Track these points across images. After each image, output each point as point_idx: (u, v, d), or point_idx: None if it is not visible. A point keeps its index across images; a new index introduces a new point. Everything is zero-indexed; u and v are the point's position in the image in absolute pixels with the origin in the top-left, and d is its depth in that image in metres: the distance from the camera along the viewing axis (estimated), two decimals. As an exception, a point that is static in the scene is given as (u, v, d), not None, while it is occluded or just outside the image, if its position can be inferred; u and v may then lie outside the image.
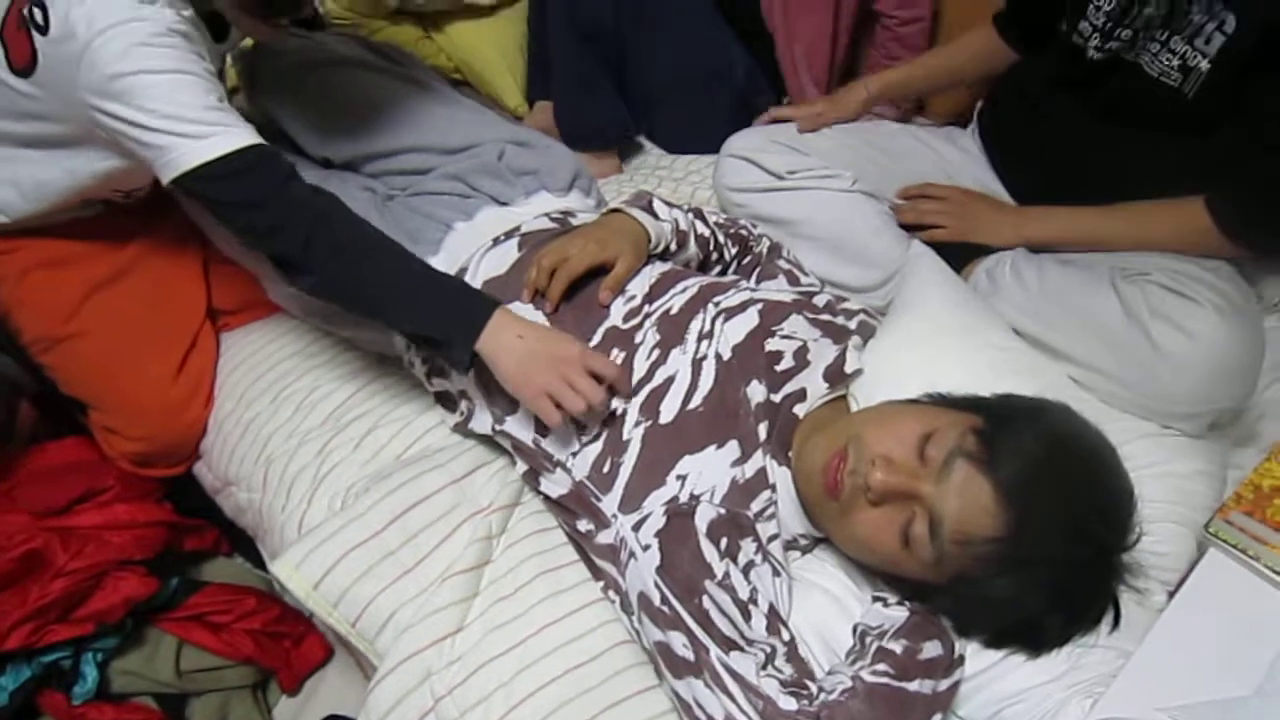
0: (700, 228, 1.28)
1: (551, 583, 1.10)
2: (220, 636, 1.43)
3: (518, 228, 1.28)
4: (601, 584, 1.09)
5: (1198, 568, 0.95)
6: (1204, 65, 1.08)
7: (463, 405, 1.23)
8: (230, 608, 1.44)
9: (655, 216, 1.22)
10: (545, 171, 1.35)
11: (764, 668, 0.87)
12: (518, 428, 1.15)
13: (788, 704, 0.84)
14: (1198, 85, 1.10)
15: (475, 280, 1.23)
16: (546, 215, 1.31)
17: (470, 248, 1.28)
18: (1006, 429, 0.92)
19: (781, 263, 1.34)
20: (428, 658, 1.06)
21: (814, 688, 0.87)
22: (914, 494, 0.91)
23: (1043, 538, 0.88)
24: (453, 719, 1.02)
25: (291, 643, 1.50)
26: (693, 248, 1.27)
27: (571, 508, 1.09)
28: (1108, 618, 0.95)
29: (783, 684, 0.86)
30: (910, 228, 1.38)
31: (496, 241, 1.26)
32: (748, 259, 1.35)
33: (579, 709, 1.00)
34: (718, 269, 1.34)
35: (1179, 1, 1.09)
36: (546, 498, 1.15)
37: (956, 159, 1.44)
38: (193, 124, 1.04)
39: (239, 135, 1.06)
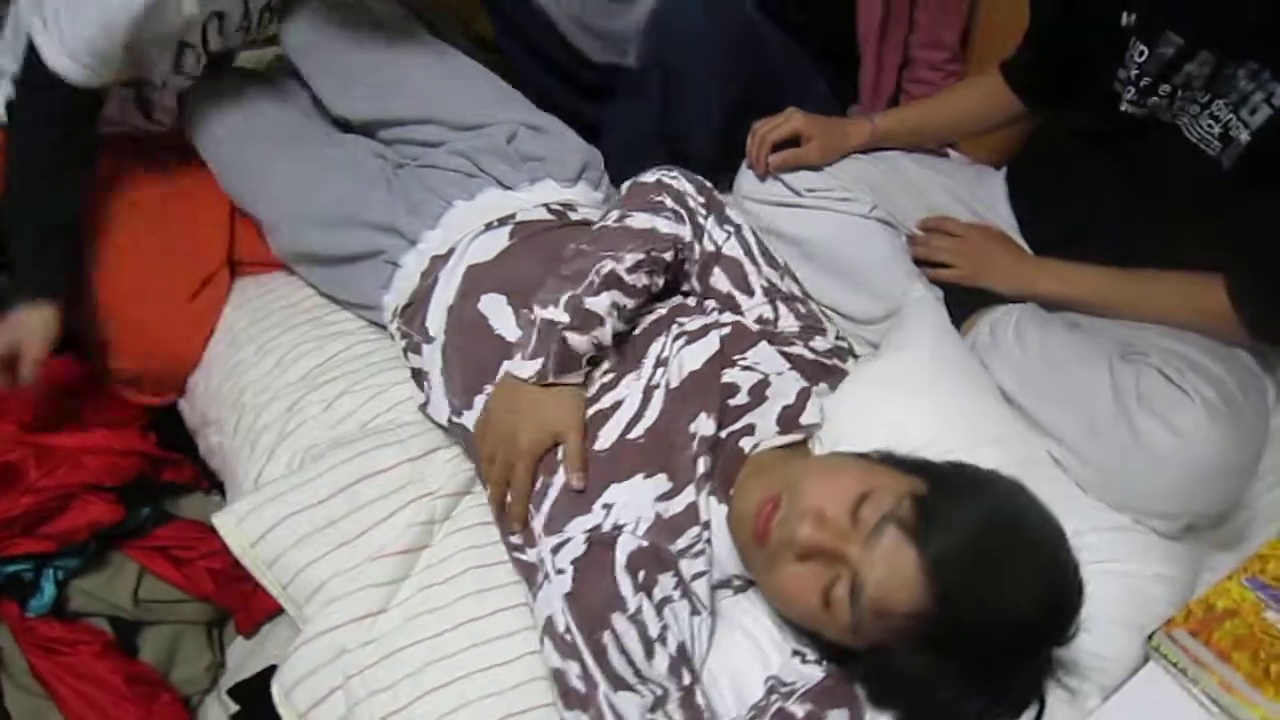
0: (624, 300, 1.08)
1: (480, 579, 1.09)
2: (182, 570, 1.45)
3: (513, 215, 1.25)
4: (527, 590, 1.07)
5: (1134, 678, 0.90)
6: (1244, 137, 1.00)
7: (425, 386, 1.22)
8: (195, 544, 1.46)
9: (578, 367, 1.07)
10: (553, 160, 1.32)
11: (652, 710, 0.85)
12: (471, 424, 1.13)
13: (663, 753, 0.82)
14: (1236, 157, 1.02)
15: (460, 263, 1.21)
16: (546, 206, 1.28)
17: (464, 228, 1.26)
18: (947, 500, 0.87)
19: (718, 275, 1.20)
20: (345, 634, 1.06)
21: (693, 740, 0.84)
22: (839, 555, 0.87)
23: (964, 621, 0.83)
24: (360, 699, 1.02)
25: (252, 586, 1.49)
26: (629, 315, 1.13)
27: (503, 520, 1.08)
28: (1030, 712, 0.90)
29: (663, 731, 0.83)
30: (921, 263, 1.32)
31: (489, 226, 1.25)
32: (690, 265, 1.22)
33: (481, 711, 0.98)
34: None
35: (1224, 62, 1.01)
36: None
37: (984, 200, 1.37)
38: (73, 37, 1.19)
39: (85, 74, 1.22)
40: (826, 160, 1.36)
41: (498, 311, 1.15)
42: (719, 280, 1.20)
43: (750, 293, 1.20)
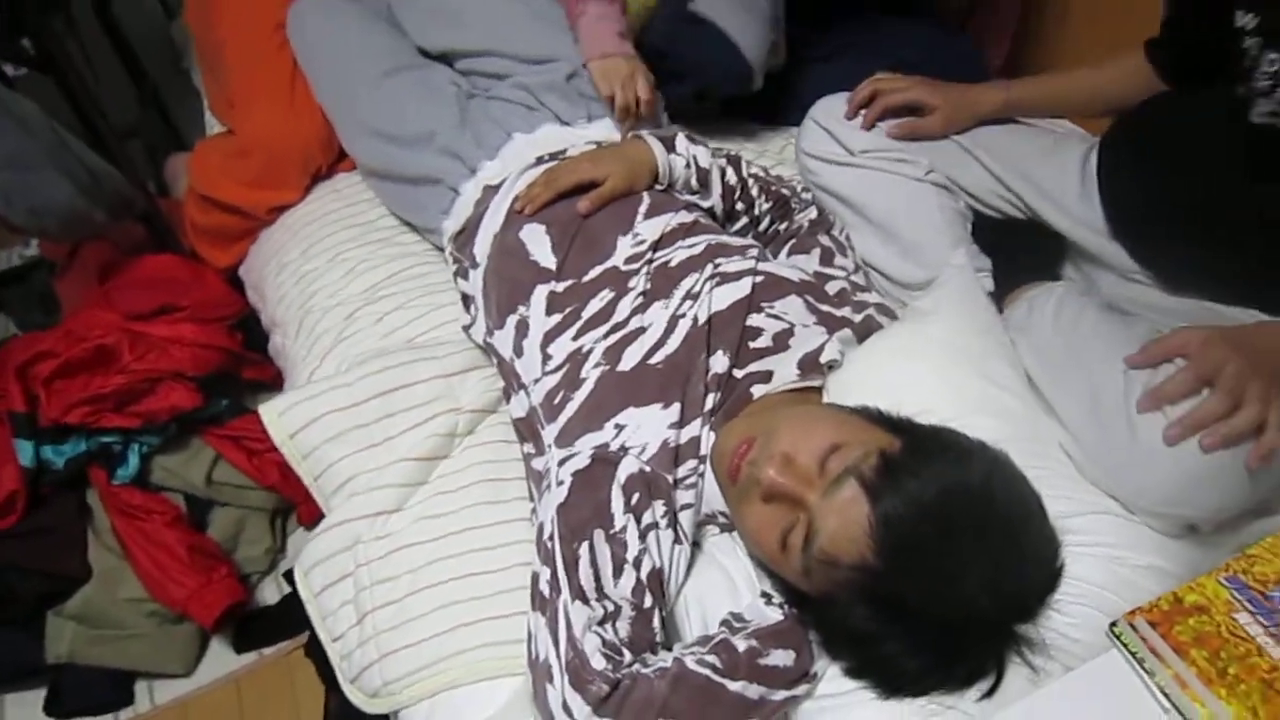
0: (730, 175, 1.26)
1: (490, 491, 1.16)
2: (252, 460, 1.59)
3: (564, 151, 1.29)
4: (532, 506, 1.12)
5: (1092, 663, 0.87)
6: None
7: (471, 309, 1.28)
8: (266, 438, 1.58)
9: (672, 150, 1.21)
10: None
11: (600, 624, 0.88)
12: (501, 343, 1.19)
13: (597, 663, 0.84)
14: None
15: (509, 194, 1.27)
16: (598, 144, 1.31)
17: (519, 160, 1.31)
18: (916, 461, 0.86)
19: (823, 238, 1.29)
20: (361, 527, 1.15)
21: (628, 655, 0.87)
22: (800, 500, 0.88)
23: (907, 583, 0.83)
24: (365, 587, 1.11)
25: (314, 482, 1.64)
26: (716, 192, 1.24)
27: (522, 430, 1.13)
28: (983, 683, 0.89)
29: (604, 643, 0.86)
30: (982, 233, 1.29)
31: (540, 160, 1.29)
32: (785, 225, 1.31)
33: (463, 611, 1.05)
34: (744, 221, 1.32)
35: None
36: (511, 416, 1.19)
37: (1051, 173, 1.30)
38: None
39: None
40: (948, 131, 1.33)
41: (536, 239, 1.20)
42: (825, 239, 1.31)
43: (846, 255, 1.31)
